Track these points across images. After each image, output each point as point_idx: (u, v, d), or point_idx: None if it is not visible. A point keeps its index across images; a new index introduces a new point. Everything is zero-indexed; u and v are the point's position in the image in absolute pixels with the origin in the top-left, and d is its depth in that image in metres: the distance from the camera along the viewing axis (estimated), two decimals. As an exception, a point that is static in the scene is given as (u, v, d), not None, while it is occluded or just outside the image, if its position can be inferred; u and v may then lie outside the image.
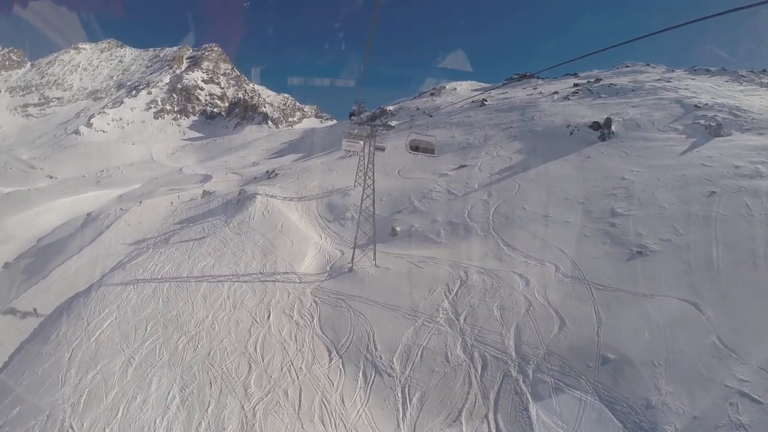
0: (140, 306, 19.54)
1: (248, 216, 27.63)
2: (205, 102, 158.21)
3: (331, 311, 17.55)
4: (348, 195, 31.18)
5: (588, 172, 28.18)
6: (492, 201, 25.35)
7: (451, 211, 25.17)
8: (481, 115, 46.35)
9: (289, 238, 24.55)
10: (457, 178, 29.62)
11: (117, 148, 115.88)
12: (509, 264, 19.12)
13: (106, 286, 22.34)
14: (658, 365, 13.79)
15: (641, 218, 22.00)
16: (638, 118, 37.20)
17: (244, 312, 17.94)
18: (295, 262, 22.10)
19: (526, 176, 28.40)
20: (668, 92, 45.46)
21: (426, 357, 14.63)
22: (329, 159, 50.60)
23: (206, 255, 23.34)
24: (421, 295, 17.54)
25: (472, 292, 17.31)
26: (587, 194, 25.18)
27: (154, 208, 42.93)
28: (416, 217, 25.64)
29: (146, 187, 71.44)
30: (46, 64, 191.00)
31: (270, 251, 23.13)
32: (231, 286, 19.86)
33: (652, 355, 14.11)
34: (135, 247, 31.73)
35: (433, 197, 27.44)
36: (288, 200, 31.62)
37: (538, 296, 16.99)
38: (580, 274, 18.30)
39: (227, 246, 24.09)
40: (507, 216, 23.43)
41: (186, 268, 22.33)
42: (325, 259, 22.57)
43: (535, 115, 41.92)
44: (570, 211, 23.52)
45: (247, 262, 22.14)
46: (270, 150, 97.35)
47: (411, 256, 20.98)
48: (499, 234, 21.77)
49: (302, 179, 38.74)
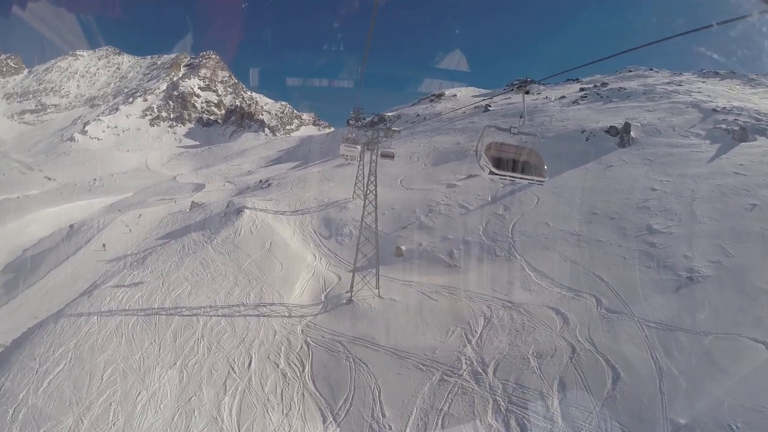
0: (100, 345, 15.98)
1: (234, 232, 24.10)
2: (202, 109, 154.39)
3: (326, 357, 14.04)
4: (346, 208, 27.71)
5: (612, 182, 24.95)
6: (509, 216, 22.01)
7: (463, 227, 21.80)
8: (486, 121, 43.10)
9: (278, 260, 21.02)
10: (466, 189, 26.23)
11: (111, 156, 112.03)
12: (540, 295, 15.71)
13: (66, 317, 18.73)
14: (735, 429, 10.61)
15: (682, 236, 18.90)
16: (656, 123, 34.65)
17: (220, 357, 14.42)
18: (285, 289, 18.59)
19: (543, 187, 25.02)
20: (682, 96, 43.22)
21: (449, 427, 11.14)
22: (326, 167, 47.20)
23: (183, 280, 19.79)
24: (437, 337, 14.08)
25: (500, 333, 13.88)
26: (617, 208, 21.94)
27: (139, 220, 39.47)
28: (424, 234, 22.23)
29: (138, 197, 67.94)
30: (44, 70, 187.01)
31: (256, 276, 19.61)
32: (207, 322, 16.32)
33: (727, 416, 10.87)
34: (112, 266, 28.23)
35: (441, 211, 24.05)
36: (280, 214, 28.12)
37: (582, 339, 13.59)
38: (627, 308, 14.96)
39: (207, 269, 20.54)
40: (529, 234, 20.07)
41: (158, 297, 18.78)
42: (319, 286, 19.10)
43: (545, 120, 38.76)
44: (601, 227, 20.23)
45: (228, 289, 18.61)
46: (266, 158, 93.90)
47: (420, 283, 17.55)
48: (523, 255, 18.39)
49: (296, 190, 35.24)
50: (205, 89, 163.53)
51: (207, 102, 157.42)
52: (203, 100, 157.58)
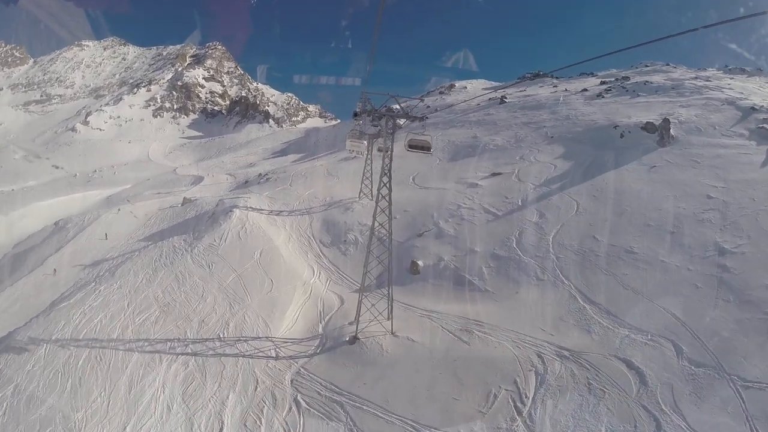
0: (39, 396, 12.22)
1: (219, 238, 20.19)
2: (206, 100, 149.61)
3: (321, 429, 10.12)
4: (351, 210, 23.69)
5: (661, 187, 20.87)
6: (546, 225, 18.01)
7: (492, 237, 17.83)
8: (503, 113, 38.85)
9: (268, 276, 17.10)
10: (491, 190, 22.17)
11: (112, 147, 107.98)
12: (604, 339, 11.80)
13: (8, 351, 14.87)
14: None
15: (757, 258, 15.14)
16: (695, 121, 30.81)
17: (181, 420, 10.60)
18: (273, 317, 14.71)
19: (582, 190, 21.03)
20: (713, 92, 39.22)
21: None
22: (330, 161, 43.10)
23: (152, 301, 15.97)
24: (475, 403, 10.20)
25: (559, 399, 9.99)
26: (673, 219, 17.91)
27: (127, 217, 35.64)
28: (444, 244, 18.27)
29: (135, 189, 64.15)
30: (49, 61, 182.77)
31: (238, 298, 15.74)
32: (172, 363, 12.51)
33: None
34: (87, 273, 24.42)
35: (464, 216, 20.04)
36: (275, 215, 24.15)
37: (666, 408, 9.72)
38: (714, 359, 11.02)
39: (182, 286, 16.68)
40: (575, 249, 16.09)
41: (120, 323, 14.99)
42: (316, 312, 15.22)
43: (570, 113, 34.54)
44: (659, 243, 16.23)
45: (203, 316, 14.77)
46: (270, 149, 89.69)
47: (444, 314, 13.62)
48: (572, 280, 14.43)
49: (296, 186, 31.16)
50: (210, 79, 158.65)
51: (211, 92, 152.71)
52: (207, 90, 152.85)
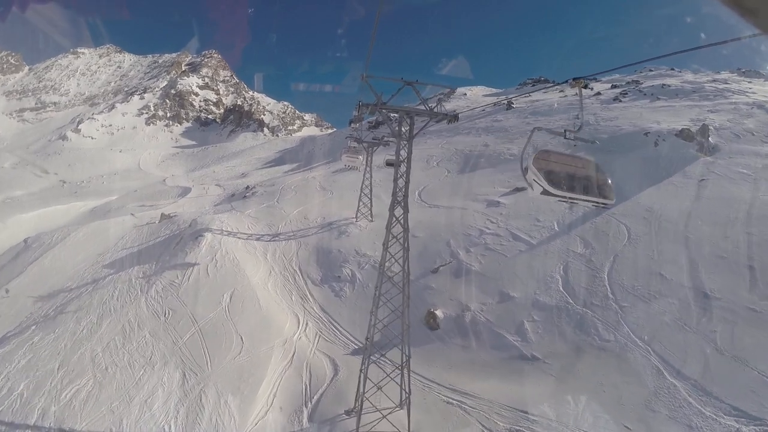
0: None
1: (182, 274, 15.90)
2: (200, 108, 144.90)
3: None
4: (346, 234, 19.47)
5: (719, 206, 16.88)
6: (596, 257, 13.95)
7: (530, 274, 13.73)
8: (513, 119, 34.96)
9: (237, 331, 12.84)
10: (518, 211, 18.07)
11: (103, 156, 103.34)
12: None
13: None
14: None
15: None
16: (730, 126, 27.45)
17: None
18: (240, 398, 10.45)
19: (627, 210, 17.03)
20: (737, 96, 36.03)
21: None
22: (325, 172, 38.99)
23: (87, 363, 11.78)
24: None
25: None
26: (747, 249, 13.86)
27: (98, 235, 31.34)
28: (467, 285, 14.11)
29: (120, 201, 59.71)
30: (44, 68, 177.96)
31: (196, 366, 11.50)
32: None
33: None
34: (37, 308, 20.09)
35: (488, 244, 15.90)
36: (254, 239, 19.93)
37: None
38: None
39: (128, 344, 12.44)
40: (641, 294, 12.04)
41: (40, 400, 10.77)
42: (301, 386, 10.97)
43: (590, 118, 30.70)
44: (740, 283, 12.24)
45: (146, 396, 10.53)
46: (264, 159, 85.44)
47: (479, 399, 9.45)
48: (650, 343, 10.34)
49: (283, 203, 26.91)
50: (204, 87, 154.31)
51: (205, 101, 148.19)
52: (201, 98, 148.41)
